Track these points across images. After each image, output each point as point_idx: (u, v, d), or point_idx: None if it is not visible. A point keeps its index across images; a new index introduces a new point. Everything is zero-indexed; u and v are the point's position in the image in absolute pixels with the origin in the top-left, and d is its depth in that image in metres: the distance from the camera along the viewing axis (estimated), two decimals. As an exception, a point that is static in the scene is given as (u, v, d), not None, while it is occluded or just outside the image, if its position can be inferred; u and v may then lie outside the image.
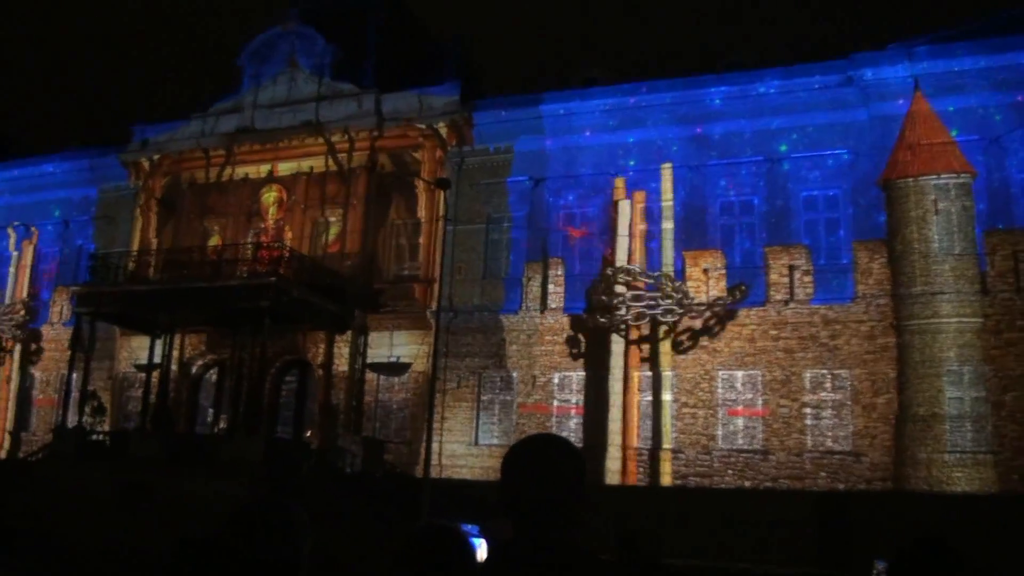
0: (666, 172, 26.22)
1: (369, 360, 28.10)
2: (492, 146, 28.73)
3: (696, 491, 23.47)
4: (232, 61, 32.83)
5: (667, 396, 24.90)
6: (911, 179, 22.82)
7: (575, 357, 26.10)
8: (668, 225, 26.00)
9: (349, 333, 28.02)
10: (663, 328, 24.99)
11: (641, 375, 25.11)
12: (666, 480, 24.26)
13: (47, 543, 20.59)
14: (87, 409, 27.77)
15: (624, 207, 26.05)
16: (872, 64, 24.57)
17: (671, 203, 26.12)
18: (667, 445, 24.59)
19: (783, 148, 25.51)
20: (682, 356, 24.89)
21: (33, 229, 35.55)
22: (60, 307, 33.75)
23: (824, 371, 23.58)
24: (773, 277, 24.35)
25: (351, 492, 23.04)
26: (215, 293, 25.89)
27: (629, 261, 25.64)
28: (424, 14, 35.29)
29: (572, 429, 25.54)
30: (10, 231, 35.85)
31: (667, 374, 24.93)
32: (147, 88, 73.65)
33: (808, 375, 23.69)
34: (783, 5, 63.12)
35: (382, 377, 28.19)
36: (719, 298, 24.54)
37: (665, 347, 25.08)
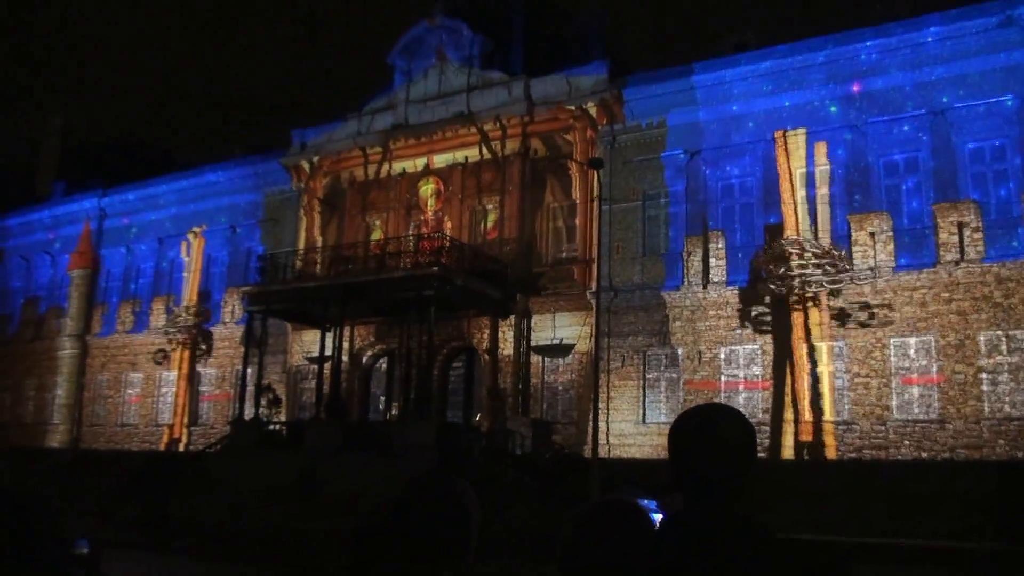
0: (819, 139, 27.12)
1: (533, 343, 30.06)
2: (644, 122, 30.17)
3: (871, 464, 24.05)
4: (383, 60, 35.69)
5: (839, 366, 25.71)
6: (1081, 121, 22.78)
7: (756, 328, 27.05)
8: (825, 190, 26.90)
9: (512, 317, 30.11)
10: (832, 296, 25.85)
11: (811, 346, 25.91)
12: (840, 453, 24.98)
13: (234, 529, 22.94)
14: (263, 401, 30.99)
15: (785, 174, 27.12)
16: (1031, 0, 24.61)
17: (827, 167, 26.97)
18: (841, 417, 25.37)
19: (945, 99, 25.70)
20: (852, 325, 25.62)
21: (198, 234, 39.77)
22: (231, 307, 37.75)
23: (999, 333, 23.82)
24: (942, 237, 24.76)
25: (522, 473, 24.67)
26: (381, 285, 28.36)
27: (794, 229, 26.60)
28: (565, -6, 36.86)
29: (741, 404, 26.34)
30: (188, 236, 40.17)
31: (838, 344, 25.71)
32: (304, 93, 78.45)
33: (983, 338, 23.99)
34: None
35: (547, 359, 30.07)
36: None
37: (835, 316, 25.85)
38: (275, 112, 76.12)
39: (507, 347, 30.20)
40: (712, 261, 28.13)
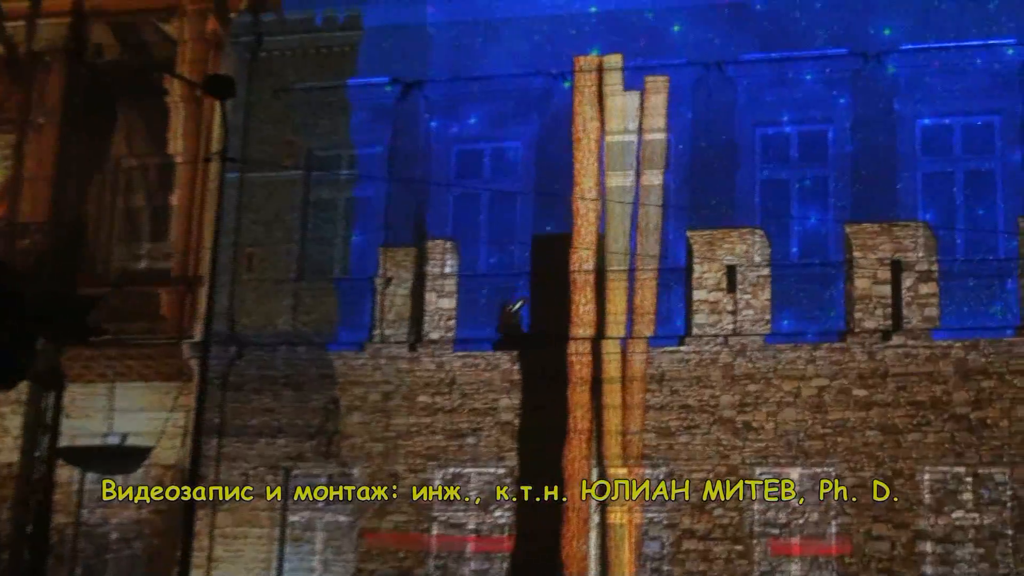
0: (653, 82, 18.46)
1: (66, 440, 18.84)
2: (319, 17, 20.58)
3: None
4: None
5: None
6: None
7: (484, 435, 18.24)
8: (657, 180, 18.36)
9: (24, 387, 18.88)
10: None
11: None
12: None
13: None
14: None
15: (586, 142, 18.29)
16: None
17: (662, 135, 18.23)
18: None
19: (886, 32, 18.00)
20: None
21: None
22: None
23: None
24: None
25: None
26: None
27: (590, 248, 18.26)
28: None
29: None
30: None
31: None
32: None
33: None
34: None
35: (90, 477, 19.64)
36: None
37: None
38: None
39: (6, 447, 19.62)
40: (431, 298, 18.82)
